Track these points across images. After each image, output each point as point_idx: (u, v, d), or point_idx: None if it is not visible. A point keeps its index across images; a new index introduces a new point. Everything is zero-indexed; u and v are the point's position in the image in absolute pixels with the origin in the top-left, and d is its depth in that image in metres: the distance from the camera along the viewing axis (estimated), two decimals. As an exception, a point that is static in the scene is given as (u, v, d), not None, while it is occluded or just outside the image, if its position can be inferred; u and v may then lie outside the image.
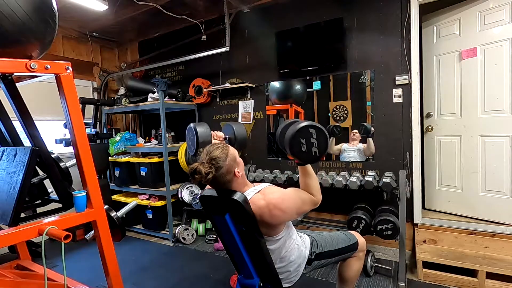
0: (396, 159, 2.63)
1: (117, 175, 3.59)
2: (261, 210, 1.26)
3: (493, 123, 2.37)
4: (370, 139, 2.73)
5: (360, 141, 2.80)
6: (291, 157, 1.34)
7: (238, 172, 1.30)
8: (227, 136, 1.63)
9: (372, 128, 2.72)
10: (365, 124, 2.76)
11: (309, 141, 1.28)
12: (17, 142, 1.67)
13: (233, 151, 1.31)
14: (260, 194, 1.30)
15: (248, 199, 1.28)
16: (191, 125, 1.53)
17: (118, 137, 3.56)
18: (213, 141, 1.51)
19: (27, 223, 1.31)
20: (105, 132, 3.97)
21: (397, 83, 2.58)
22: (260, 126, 3.30)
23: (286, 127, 1.39)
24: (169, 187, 3.21)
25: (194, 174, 1.23)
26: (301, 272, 1.47)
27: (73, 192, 1.39)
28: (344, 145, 2.86)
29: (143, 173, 3.37)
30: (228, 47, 3.19)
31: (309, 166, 1.34)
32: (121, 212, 1.74)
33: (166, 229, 3.35)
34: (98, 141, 3.76)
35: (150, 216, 3.38)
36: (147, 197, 3.46)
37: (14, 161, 1.44)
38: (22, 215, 1.64)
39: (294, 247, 1.43)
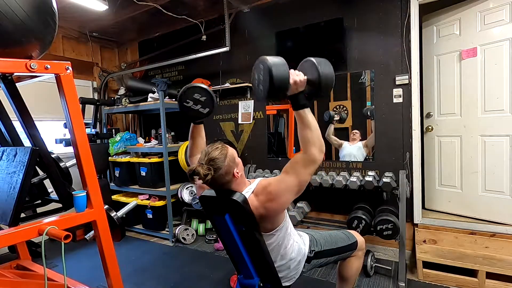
0: (396, 159, 2.62)
1: (117, 175, 3.59)
2: (258, 211, 1.26)
3: (493, 123, 2.37)
4: (371, 122, 2.73)
5: (360, 140, 2.80)
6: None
7: (237, 172, 1.29)
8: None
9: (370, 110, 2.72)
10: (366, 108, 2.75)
11: (259, 77, 1.22)
12: (17, 142, 1.66)
13: (232, 152, 1.30)
14: (253, 195, 1.30)
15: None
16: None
17: (118, 137, 3.56)
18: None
19: (27, 223, 1.31)
20: (105, 132, 3.97)
21: (397, 83, 2.58)
22: (260, 126, 3.30)
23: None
24: (169, 187, 3.21)
25: (192, 176, 1.23)
26: (300, 270, 1.47)
27: (73, 192, 1.39)
28: (344, 144, 2.86)
29: (143, 173, 3.37)
30: (228, 47, 3.19)
31: (304, 112, 1.20)
32: (121, 212, 1.74)
33: (166, 229, 3.35)
34: (98, 141, 3.76)
35: (150, 216, 3.38)
36: (147, 197, 3.46)
37: (14, 161, 1.44)
38: (22, 215, 1.64)
39: (294, 244, 1.44)
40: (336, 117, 2.86)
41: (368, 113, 2.73)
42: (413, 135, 2.54)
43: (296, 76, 1.21)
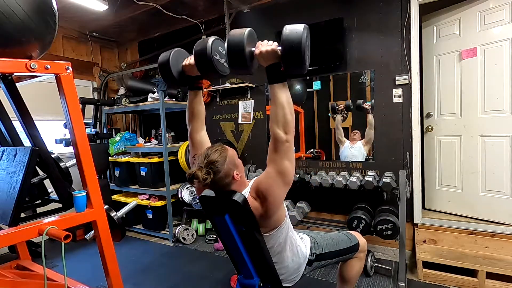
0: (396, 159, 2.63)
1: (117, 175, 3.59)
2: (257, 211, 1.26)
3: (493, 123, 2.37)
4: (370, 116, 2.72)
5: (360, 140, 2.80)
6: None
7: (237, 174, 1.27)
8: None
9: (367, 105, 2.71)
10: (357, 101, 2.75)
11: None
12: (17, 142, 1.66)
13: (232, 154, 1.27)
14: (249, 195, 1.29)
15: None
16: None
17: (118, 137, 3.56)
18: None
19: (27, 223, 1.31)
20: (105, 132, 3.97)
21: (397, 83, 2.58)
22: (260, 126, 3.30)
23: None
24: (169, 187, 3.21)
25: (192, 179, 1.20)
26: (301, 273, 1.47)
27: (73, 192, 1.39)
28: (346, 143, 2.86)
29: (143, 173, 3.37)
30: (228, 47, 3.18)
31: (278, 87, 1.12)
32: (121, 212, 1.74)
33: (166, 229, 3.35)
34: (98, 141, 3.76)
35: (150, 216, 3.38)
36: (147, 197, 3.46)
37: (14, 161, 1.44)
38: (22, 215, 1.64)
39: (294, 247, 1.43)
40: (341, 106, 2.84)
41: (365, 105, 2.72)
42: (413, 135, 2.54)
43: (266, 46, 1.15)
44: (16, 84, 1.50)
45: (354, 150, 2.82)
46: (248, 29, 1.17)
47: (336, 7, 2.80)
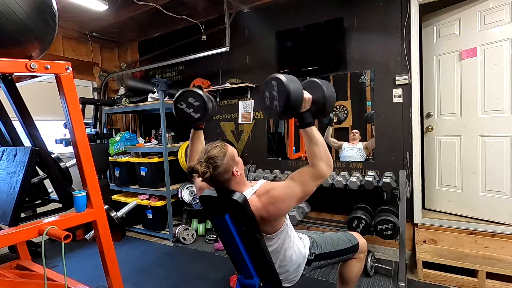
0: (396, 159, 2.62)
1: (117, 175, 3.59)
2: (259, 212, 1.26)
3: (493, 123, 2.37)
4: (372, 140, 2.74)
5: (360, 141, 2.80)
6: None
7: (236, 171, 1.29)
8: (314, 97, 1.27)
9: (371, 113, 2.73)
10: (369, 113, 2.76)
11: (271, 94, 1.22)
12: (17, 142, 1.66)
13: (231, 150, 1.30)
14: (256, 195, 1.29)
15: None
16: (278, 77, 1.18)
17: (118, 137, 3.56)
18: None
19: (27, 223, 1.31)
20: (105, 132, 3.97)
21: (397, 83, 2.58)
22: (260, 126, 3.30)
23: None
24: (169, 187, 3.21)
25: (191, 173, 1.24)
26: (301, 273, 1.47)
27: (73, 192, 1.39)
28: (344, 144, 2.86)
29: (143, 173, 3.37)
30: (228, 47, 3.19)
31: (311, 129, 1.23)
32: (121, 212, 1.74)
33: (166, 229, 3.35)
34: (98, 141, 3.76)
35: (150, 216, 3.38)
36: (147, 197, 3.46)
37: (14, 161, 1.44)
38: (22, 215, 1.64)
39: (294, 247, 1.43)
40: (335, 119, 2.87)
41: (369, 118, 2.74)
42: (413, 135, 2.54)
43: (304, 94, 1.23)
44: (16, 84, 1.50)
45: (353, 151, 2.82)
46: (299, 82, 1.23)
47: (336, 7, 2.80)
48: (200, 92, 1.50)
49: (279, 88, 1.18)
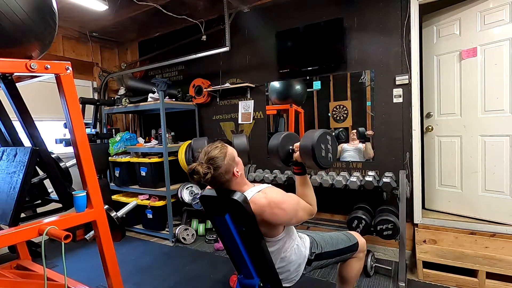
0: (396, 159, 2.62)
1: (117, 175, 3.59)
2: (262, 209, 1.26)
3: (493, 123, 2.37)
4: (368, 144, 2.74)
5: (360, 141, 2.80)
6: (307, 163, 1.40)
7: (237, 171, 1.30)
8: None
9: (370, 132, 2.73)
10: (359, 129, 2.78)
11: (326, 147, 1.38)
12: (17, 142, 1.66)
13: (231, 151, 1.31)
14: (261, 193, 1.30)
15: (248, 198, 1.28)
16: (330, 133, 1.39)
17: (118, 137, 3.56)
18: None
19: (27, 223, 1.31)
20: (105, 132, 3.97)
21: (397, 83, 2.58)
22: (260, 126, 3.30)
23: (287, 137, 1.55)
24: (169, 187, 3.21)
25: (192, 174, 1.24)
26: (301, 272, 1.47)
27: (73, 192, 1.39)
28: (344, 145, 2.86)
29: (143, 173, 3.37)
30: (228, 47, 3.19)
31: (307, 177, 1.45)
32: (121, 212, 1.74)
33: (166, 229, 3.35)
34: (98, 141, 3.76)
35: (150, 216, 3.38)
36: (147, 197, 3.46)
37: (14, 161, 1.44)
38: (22, 215, 1.64)
39: (294, 247, 1.43)
40: (342, 135, 2.89)
41: (368, 132, 2.75)
42: (413, 135, 2.54)
43: None
44: (16, 84, 1.50)
45: (353, 152, 2.82)
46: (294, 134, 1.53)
47: (336, 7, 2.80)
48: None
49: (333, 143, 1.42)
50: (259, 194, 1.29)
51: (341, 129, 2.88)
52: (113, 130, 3.94)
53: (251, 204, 1.27)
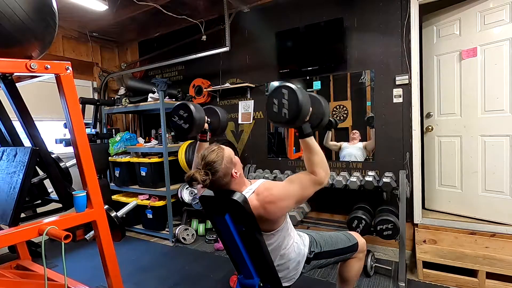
0: (396, 159, 2.62)
1: (117, 175, 3.59)
2: (257, 210, 1.26)
3: (493, 123, 2.37)
4: (371, 131, 2.73)
5: (360, 140, 2.80)
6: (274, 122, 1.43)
7: (235, 172, 1.30)
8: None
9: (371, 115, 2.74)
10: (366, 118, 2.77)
11: (280, 102, 1.25)
12: (17, 142, 1.66)
13: (228, 153, 1.30)
14: (254, 194, 1.30)
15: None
16: (288, 86, 1.25)
17: (118, 137, 3.56)
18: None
19: (27, 223, 1.31)
20: (105, 132, 3.97)
21: (397, 83, 2.58)
22: (260, 126, 3.30)
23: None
24: (169, 187, 3.21)
25: (191, 182, 1.23)
26: (300, 271, 1.47)
27: (73, 192, 1.39)
28: (344, 144, 2.86)
29: (143, 173, 3.37)
30: (228, 47, 3.19)
31: (311, 139, 1.30)
32: (121, 212, 1.74)
33: (166, 229, 3.35)
34: (98, 141, 3.76)
35: (150, 216, 3.38)
36: (147, 197, 3.46)
37: (14, 161, 1.44)
38: (22, 215, 1.64)
39: (293, 245, 1.44)
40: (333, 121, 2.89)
41: (369, 121, 2.74)
42: (413, 135, 2.54)
43: None
44: (16, 84, 1.50)
45: (353, 150, 2.82)
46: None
47: (336, 7, 2.80)
48: (190, 103, 1.57)
49: (290, 97, 1.23)
50: (252, 196, 1.30)
51: (341, 109, 2.89)
52: (113, 130, 3.94)
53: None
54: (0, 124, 1.66)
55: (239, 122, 3.42)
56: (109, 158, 3.59)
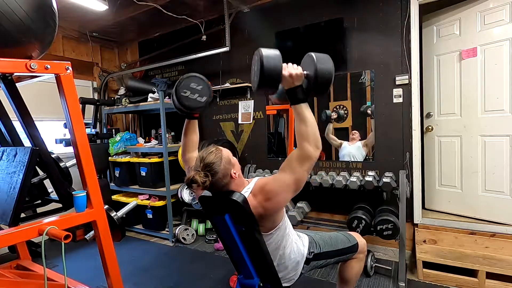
0: (396, 159, 2.62)
1: (117, 175, 3.59)
2: (257, 210, 1.26)
3: (493, 123, 2.37)
4: (371, 121, 2.73)
5: (360, 140, 2.80)
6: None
7: (234, 173, 1.29)
8: (306, 73, 1.22)
9: (369, 110, 2.73)
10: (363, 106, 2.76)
11: (255, 68, 1.20)
12: (17, 142, 1.67)
13: (227, 153, 1.29)
14: (251, 195, 1.29)
15: None
16: (258, 51, 1.16)
17: (118, 137, 3.56)
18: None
19: (27, 223, 1.31)
20: (105, 132, 3.97)
21: (397, 83, 2.58)
22: (260, 126, 3.30)
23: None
24: (169, 187, 3.21)
25: (191, 184, 1.22)
26: (299, 271, 1.47)
27: (73, 192, 1.39)
28: (345, 143, 2.86)
29: (143, 173, 3.37)
30: (228, 47, 3.19)
31: (300, 106, 1.18)
32: (121, 212, 1.74)
33: (166, 229, 3.35)
34: (98, 141, 3.76)
35: (150, 216, 3.38)
36: (147, 197, 3.46)
37: (14, 161, 1.44)
38: (22, 215, 1.64)
39: (292, 245, 1.43)
40: (334, 115, 2.86)
41: (368, 111, 2.73)
42: (413, 135, 2.54)
43: (294, 69, 1.19)
44: (16, 84, 1.50)
45: (353, 149, 2.82)
46: (279, 53, 1.19)
47: (336, 7, 2.80)
48: (199, 75, 1.48)
49: (258, 62, 1.16)
50: (250, 197, 1.29)
51: (335, 109, 2.88)
52: (113, 130, 3.94)
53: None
54: (0, 124, 1.66)
55: (239, 122, 3.42)
56: (109, 158, 3.59)
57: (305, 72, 1.22)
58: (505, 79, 2.28)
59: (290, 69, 1.19)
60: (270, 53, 1.16)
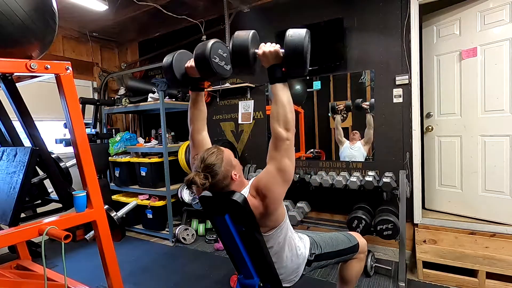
0: (396, 159, 2.62)
1: (117, 175, 3.59)
2: (258, 210, 1.26)
3: (493, 123, 2.37)
4: (369, 116, 2.73)
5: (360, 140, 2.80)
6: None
7: (235, 175, 1.27)
8: (282, 50, 1.20)
9: (366, 105, 2.72)
10: (356, 101, 2.76)
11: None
12: (17, 142, 1.66)
13: (228, 155, 1.28)
14: (250, 196, 1.29)
15: None
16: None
17: (118, 137, 3.56)
18: (260, 48, 1.22)
19: (27, 223, 1.31)
20: (105, 132, 3.97)
21: (397, 83, 2.58)
22: (260, 126, 3.30)
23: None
24: (169, 187, 3.21)
25: (191, 185, 1.21)
26: (300, 273, 1.47)
27: (73, 192, 1.39)
28: (346, 143, 2.86)
29: (143, 173, 3.37)
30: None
31: (275, 86, 1.17)
32: (121, 212, 1.74)
33: (166, 229, 3.35)
34: (98, 141, 3.76)
35: (150, 216, 3.38)
36: (147, 197, 3.46)
37: (14, 161, 1.44)
38: (22, 215, 1.64)
39: (293, 247, 1.43)
40: (341, 106, 2.85)
41: (363, 105, 2.72)
42: (413, 135, 2.54)
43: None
44: (16, 84, 1.50)
45: (353, 150, 2.82)
46: (252, 31, 1.23)
47: (336, 7, 2.80)
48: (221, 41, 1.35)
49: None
50: (249, 196, 1.28)
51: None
52: (113, 130, 3.94)
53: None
54: (0, 124, 1.66)
55: (239, 122, 3.42)
56: (109, 158, 3.59)
57: (282, 50, 1.19)
58: (505, 79, 2.28)
59: (265, 47, 1.21)
60: (240, 32, 1.19)
